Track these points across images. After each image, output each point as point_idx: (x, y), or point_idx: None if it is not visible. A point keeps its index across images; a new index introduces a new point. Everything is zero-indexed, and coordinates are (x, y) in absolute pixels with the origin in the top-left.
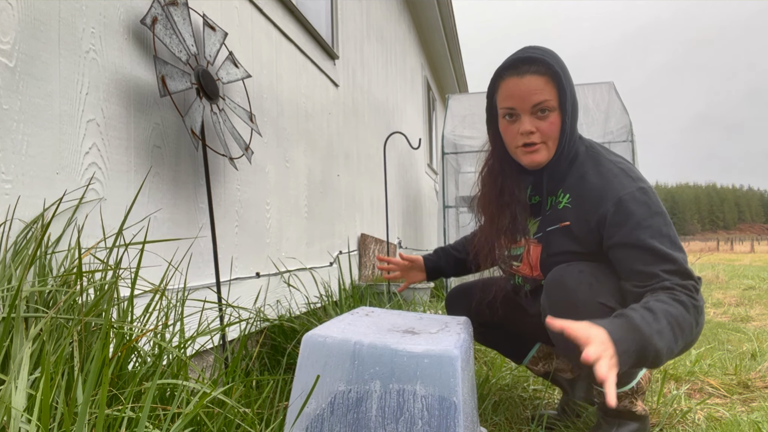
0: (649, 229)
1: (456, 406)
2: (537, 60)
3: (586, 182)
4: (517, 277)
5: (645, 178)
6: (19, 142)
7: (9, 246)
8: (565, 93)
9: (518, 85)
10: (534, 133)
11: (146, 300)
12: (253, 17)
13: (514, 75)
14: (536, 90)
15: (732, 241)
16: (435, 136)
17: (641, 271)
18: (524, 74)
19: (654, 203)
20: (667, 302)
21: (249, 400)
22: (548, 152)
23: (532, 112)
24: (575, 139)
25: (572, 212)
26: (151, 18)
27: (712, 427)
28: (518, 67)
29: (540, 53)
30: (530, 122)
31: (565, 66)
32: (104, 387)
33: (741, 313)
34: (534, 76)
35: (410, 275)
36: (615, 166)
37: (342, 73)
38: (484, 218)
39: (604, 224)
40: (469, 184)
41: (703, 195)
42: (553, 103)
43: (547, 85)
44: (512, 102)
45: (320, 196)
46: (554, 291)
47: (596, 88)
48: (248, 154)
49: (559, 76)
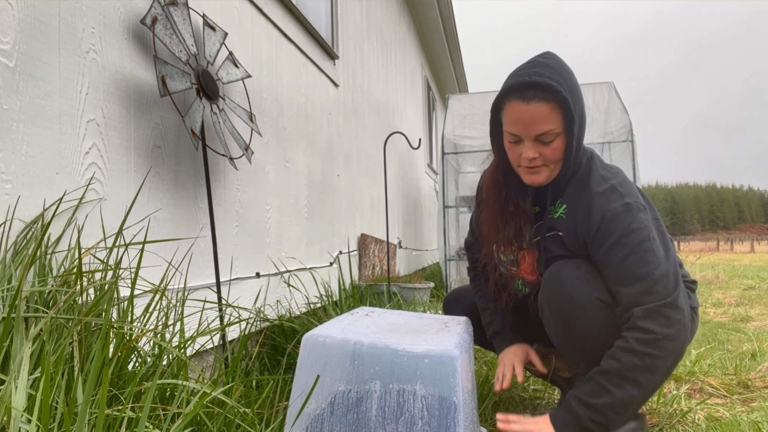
0: (626, 246)
1: (456, 406)
2: (544, 86)
3: (579, 197)
4: (519, 281)
5: (635, 191)
6: (19, 142)
7: (9, 246)
8: (572, 117)
9: (523, 112)
10: (537, 158)
11: (146, 300)
12: (253, 17)
13: (520, 100)
14: (541, 119)
15: (732, 241)
16: (435, 136)
17: (618, 291)
18: (530, 101)
19: (636, 219)
20: (614, 357)
21: (249, 400)
22: (550, 173)
23: (536, 139)
24: (581, 153)
25: (565, 223)
26: (151, 18)
27: (712, 427)
28: (524, 93)
29: (549, 75)
30: (533, 149)
31: (575, 83)
32: (104, 387)
33: (741, 313)
34: (540, 104)
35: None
36: (605, 182)
37: (342, 73)
38: (490, 231)
39: (590, 241)
40: (469, 184)
41: (703, 195)
42: (558, 130)
43: (553, 113)
44: (516, 129)
45: (320, 196)
46: (552, 286)
47: (596, 88)
48: (248, 154)
49: (567, 102)
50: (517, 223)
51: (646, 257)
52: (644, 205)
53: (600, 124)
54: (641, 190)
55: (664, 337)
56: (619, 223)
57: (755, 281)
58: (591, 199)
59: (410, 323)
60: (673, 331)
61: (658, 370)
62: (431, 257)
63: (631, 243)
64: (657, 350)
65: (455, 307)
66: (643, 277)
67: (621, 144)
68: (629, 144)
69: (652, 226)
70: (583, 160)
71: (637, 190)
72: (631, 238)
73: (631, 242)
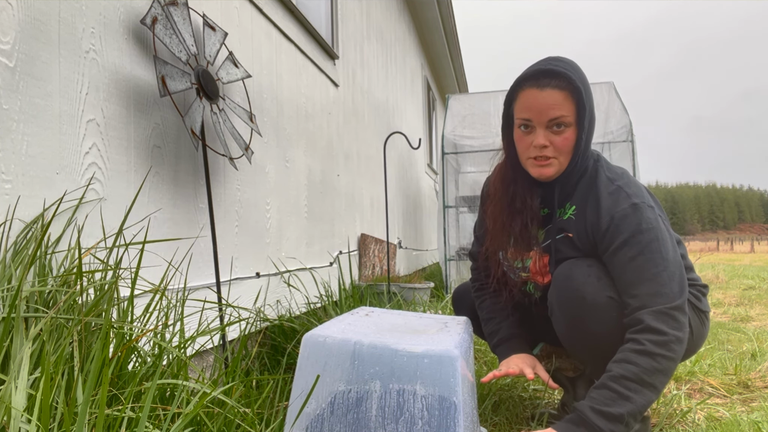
0: (635, 246)
1: (456, 406)
2: (559, 74)
3: (588, 198)
4: (530, 284)
5: (641, 192)
6: (19, 142)
7: (9, 246)
8: (584, 109)
9: (537, 97)
10: (547, 147)
11: (146, 300)
12: (253, 17)
13: (534, 87)
14: (554, 104)
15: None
16: (435, 136)
17: (625, 292)
18: (544, 87)
19: (645, 220)
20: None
21: (249, 400)
22: (559, 166)
23: (547, 126)
24: (588, 154)
25: (575, 225)
26: (151, 18)
27: (712, 427)
28: (539, 79)
29: (563, 66)
30: (545, 136)
31: (587, 81)
32: (104, 387)
33: (741, 313)
34: (554, 90)
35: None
36: (612, 183)
37: (342, 73)
38: (495, 226)
39: (599, 241)
40: (469, 184)
41: (703, 195)
42: (570, 119)
43: (566, 101)
44: (529, 114)
45: (320, 196)
46: (562, 284)
47: (596, 88)
48: (248, 154)
49: (580, 92)
50: (524, 220)
51: (654, 258)
52: (652, 204)
53: (600, 124)
54: (649, 191)
55: (676, 340)
56: (627, 224)
57: (755, 281)
58: (599, 200)
59: (410, 323)
60: (682, 334)
61: (670, 372)
62: (431, 257)
63: (639, 244)
64: (671, 352)
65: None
66: (651, 279)
67: (621, 144)
68: (629, 144)
69: (661, 227)
70: (590, 162)
71: (644, 191)
72: (639, 239)
73: (640, 243)
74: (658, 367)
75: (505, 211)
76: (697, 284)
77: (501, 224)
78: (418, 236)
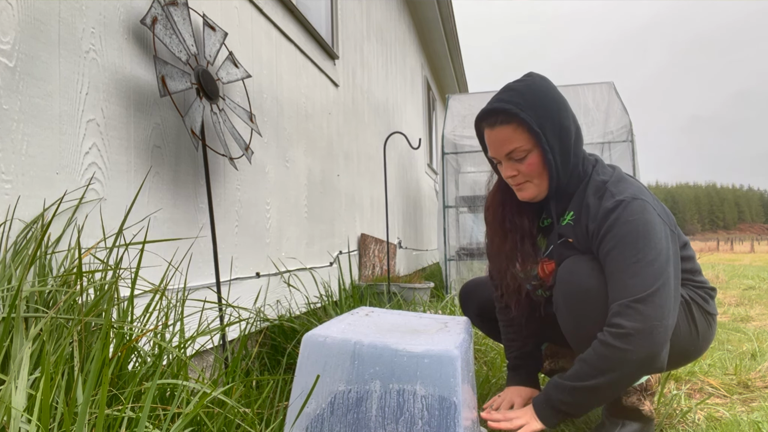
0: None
1: (456, 406)
2: (503, 110)
3: (582, 202)
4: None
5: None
6: (19, 142)
7: (9, 246)
8: (539, 133)
9: (490, 136)
10: (516, 175)
11: (146, 300)
12: (253, 17)
13: (487, 127)
14: (505, 140)
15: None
16: (435, 136)
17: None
18: (494, 126)
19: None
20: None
21: (249, 400)
22: (537, 188)
23: (507, 158)
24: (579, 161)
25: (573, 229)
26: (151, 18)
27: (712, 427)
28: (488, 119)
29: (508, 100)
30: (510, 167)
31: (544, 101)
32: (104, 387)
33: (741, 313)
34: (502, 127)
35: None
36: (602, 184)
37: (342, 73)
38: (492, 249)
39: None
40: (469, 184)
41: (703, 195)
42: (527, 146)
43: (516, 132)
44: (491, 152)
45: (320, 196)
46: (567, 278)
47: (596, 88)
48: (248, 154)
49: (527, 121)
50: (514, 238)
51: (625, 252)
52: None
53: (600, 124)
54: (646, 187)
55: (635, 332)
56: (607, 220)
57: (755, 281)
58: (589, 203)
59: (410, 323)
60: (643, 326)
61: (627, 363)
62: (431, 257)
63: (614, 238)
64: (627, 344)
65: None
66: (621, 271)
67: (621, 144)
68: (629, 144)
69: (648, 218)
70: (588, 168)
71: (635, 186)
72: (615, 232)
73: (615, 237)
74: (610, 356)
75: (498, 232)
76: (705, 287)
77: (497, 246)
78: (418, 236)
